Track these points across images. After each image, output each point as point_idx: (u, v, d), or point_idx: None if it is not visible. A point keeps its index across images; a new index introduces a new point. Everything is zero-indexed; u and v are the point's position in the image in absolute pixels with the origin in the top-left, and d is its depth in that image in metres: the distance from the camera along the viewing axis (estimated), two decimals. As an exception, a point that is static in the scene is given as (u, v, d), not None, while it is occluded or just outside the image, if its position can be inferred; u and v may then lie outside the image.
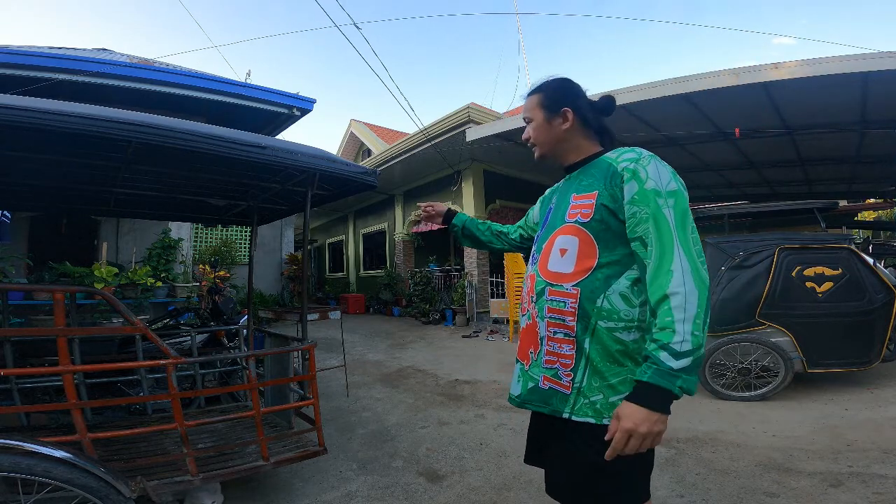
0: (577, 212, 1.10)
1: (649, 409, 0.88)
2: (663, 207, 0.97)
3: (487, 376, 4.72)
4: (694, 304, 0.90)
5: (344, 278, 14.94)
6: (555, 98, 1.18)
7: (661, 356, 0.89)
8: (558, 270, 1.09)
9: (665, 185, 1.00)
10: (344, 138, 17.04)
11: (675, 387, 0.88)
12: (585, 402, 1.02)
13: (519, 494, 2.25)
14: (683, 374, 0.88)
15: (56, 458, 1.44)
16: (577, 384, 1.04)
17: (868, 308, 3.54)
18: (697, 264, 0.94)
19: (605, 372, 1.02)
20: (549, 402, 1.09)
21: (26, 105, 1.49)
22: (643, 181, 1.00)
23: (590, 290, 1.04)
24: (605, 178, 1.07)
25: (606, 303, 1.02)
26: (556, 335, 1.08)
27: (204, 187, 2.76)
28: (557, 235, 1.13)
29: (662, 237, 0.96)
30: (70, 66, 5.36)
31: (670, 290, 0.91)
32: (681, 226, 0.97)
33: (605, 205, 1.05)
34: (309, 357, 2.25)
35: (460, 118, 7.81)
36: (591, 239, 1.06)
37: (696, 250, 0.96)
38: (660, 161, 1.05)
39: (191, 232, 7.35)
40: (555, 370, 1.08)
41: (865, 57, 4.54)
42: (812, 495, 2.12)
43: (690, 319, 0.89)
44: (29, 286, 3.53)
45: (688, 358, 0.88)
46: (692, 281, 0.92)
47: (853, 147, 7.17)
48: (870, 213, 14.17)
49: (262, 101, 6.62)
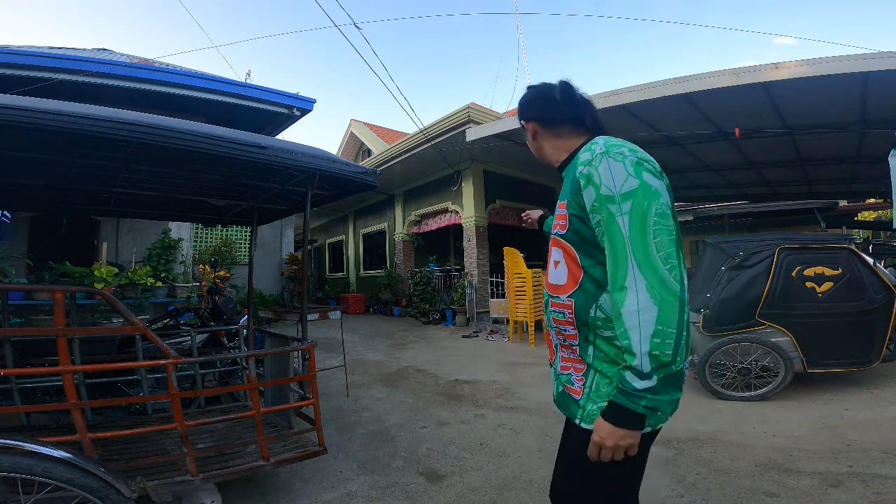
0: (556, 223, 1.08)
1: (614, 425, 0.90)
2: (616, 215, 0.91)
3: (487, 376, 4.72)
4: (650, 321, 0.85)
5: (344, 278, 14.94)
6: (522, 116, 1.24)
7: (626, 376, 0.88)
8: (555, 282, 1.09)
9: (619, 187, 0.91)
10: (344, 138, 17.04)
11: (638, 406, 0.87)
12: (594, 408, 1.01)
13: (519, 494, 2.25)
14: (648, 395, 0.86)
15: (56, 458, 1.44)
16: (588, 390, 1.04)
17: (868, 308, 3.54)
18: (660, 274, 0.87)
19: (613, 376, 0.99)
20: (568, 406, 1.10)
21: (26, 105, 1.50)
22: (598, 186, 0.94)
23: (581, 300, 1.02)
24: (571, 182, 1.03)
25: (599, 312, 0.99)
26: (565, 343, 1.09)
27: (204, 187, 2.76)
28: (551, 247, 1.13)
29: (615, 250, 0.91)
30: (70, 66, 5.37)
31: (623, 309, 0.88)
32: (638, 232, 0.89)
33: (575, 214, 1.01)
34: (309, 357, 2.25)
35: (460, 118, 7.81)
36: (572, 250, 1.03)
37: (659, 257, 0.88)
38: (614, 156, 0.95)
39: (191, 232, 7.35)
40: (569, 376, 1.09)
41: (865, 57, 4.53)
42: (812, 495, 2.12)
43: (647, 339, 0.85)
44: (29, 286, 3.52)
45: (651, 378, 0.86)
46: (648, 296, 0.86)
47: (853, 147, 7.17)
48: (870, 213, 14.18)
49: (261, 101, 6.63)
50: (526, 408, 3.63)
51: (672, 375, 0.87)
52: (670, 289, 0.87)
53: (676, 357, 0.86)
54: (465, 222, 9.37)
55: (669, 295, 0.86)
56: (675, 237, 0.91)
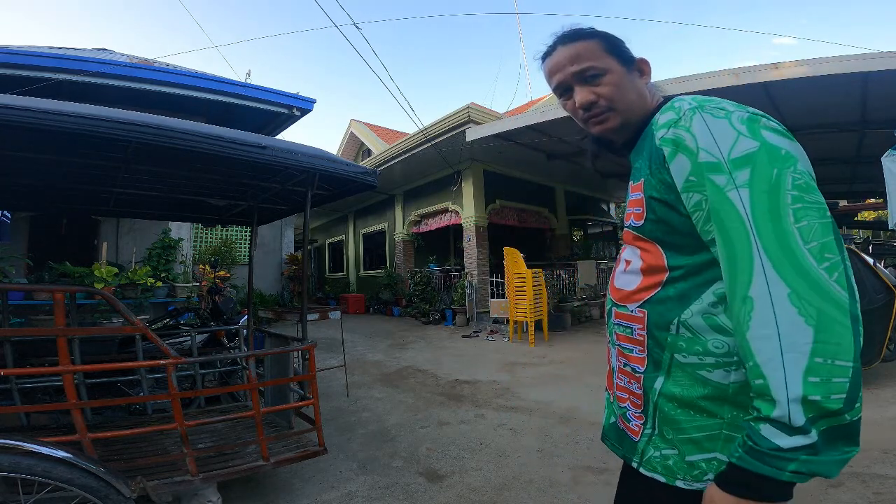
0: (630, 212, 0.81)
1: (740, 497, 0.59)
2: (727, 190, 0.62)
3: (487, 376, 4.72)
4: (803, 349, 0.55)
5: (344, 278, 14.94)
6: (620, 46, 0.82)
7: (761, 430, 0.58)
8: (622, 287, 0.83)
9: (728, 149, 0.63)
10: (344, 138, 17.04)
11: (783, 473, 0.56)
12: (656, 454, 0.76)
13: (519, 494, 2.25)
14: (802, 456, 0.55)
15: (56, 458, 1.44)
16: (648, 432, 0.77)
17: (868, 308, 3.54)
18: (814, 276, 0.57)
19: (683, 422, 0.73)
20: (621, 444, 0.85)
21: (26, 105, 1.50)
22: (693, 152, 0.66)
23: (658, 312, 0.75)
24: (649, 156, 0.75)
25: (684, 330, 0.71)
26: (626, 368, 0.82)
27: (204, 187, 2.76)
28: (624, 244, 0.86)
29: (731, 242, 0.62)
30: (70, 66, 5.37)
31: (750, 334, 0.59)
32: (766, 214, 0.60)
33: (657, 197, 0.73)
34: (309, 357, 2.25)
35: (460, 118, 7.81)
36: (653, 245, 0.76)
37: (808, 251, 0.58)
38: (712, 111, 0.68)
39: (191, 232, 7.35)
40: (625, 410, 0.83)
41: (865, 57, 4.53)
42: (812, 495, 2.12)
43: (799, 379, 0.55)
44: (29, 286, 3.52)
45: (808, 434, 0.55)
46: (794, 311, 0.56)
47: (853, 147, 7.17)
48: (870, 213, 14.17)
49: (262, 101, 6.63)
50: (526, 408, 3.63)
51: (843, 428, 0.56)
52: (834, 298, 0.56)
53: (854, 402, 0.55)
54: (465, 222, 9.37)
55: (833, 307, 0.56)
56: (830, 221, 0.60)
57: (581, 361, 5.24)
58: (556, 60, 0.84)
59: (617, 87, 0.80)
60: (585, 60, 0.80)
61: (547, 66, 0.86)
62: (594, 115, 0.83)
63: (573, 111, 0.86)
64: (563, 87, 0.85)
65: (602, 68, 0.80)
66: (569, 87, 0.84)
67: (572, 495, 2.21)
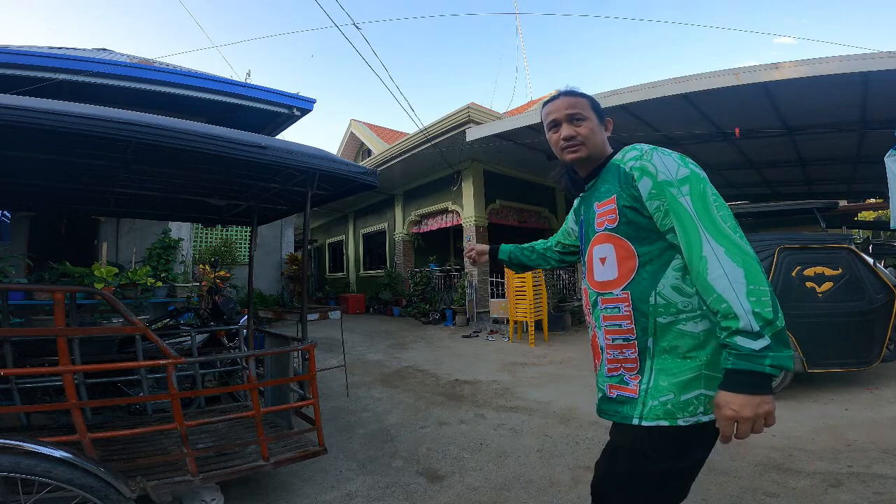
0: (603, 219, 1.12)
1: (747, 394, 0.85)
2: (678, 197, 0.98)
3: (487, 376, 4.72)
4: (741, 281, 0.88)
5: (344, 278, 14.94)
6: (599, 108, 1.22)
7: (738, 341, 0.86)
8: (604, 279, 1.11)
9: (674, 173, 1.00)
10: (344, 138, 17.03)
11: (765, 367, 0.84)
12: (655, 403, 1.00)
13: (519, 494, 2.25)
14: (770, 353, 0.84)
15: (56, 458, 1.44)
16: (645, 386, 1.03)
17: (868, 308, 3.54)
18: (733, 240, 0.92)
19: (674, 368, 1.00)
20: (619, 410, 1.08)
21: (26, 105, 1.50)
22: (654, 174, 1.01)
23: (639, 290, 1.04)
24: (619, 180, 1.09)
25: (660, 298, 1.02)
26: (616, 342, 1.09)
27: (204, 187, 2.76)
28: (594, 246, 1.15)
29: (685, 227, 0.96)
30: (70, 66, 5.37)
31: (709, 276, 0.91)
32: (702, 209, 0.96)
33: (627, 205, 1.06)
34: (309, 357, 2.25)
35: (460, 118, 7.81)
36: (625, 241, 1.07)
37: (727, 227, 0.94)
38: (662, 151, 1.05)
39: (191, 232, 7.35)
40: (619, 376, 1.08)
41: (865, 57, 4.53)
42: (812, 495, 2.12)
43: (745, 298, 0.87)
44: (29, 286, 3.53)
45: (764, 337, 0.85)
46: (729, 259, 0.90)
47: (853, 147, 7.17)
48: (870, 213, 14.17)
49: (262, 101, 6.63)
50: (526, 408, 3.63)
51: (780, 332, 0.86)
52: (748, 252, 0.91)
53: (777, 314, 0.87)
54: (465, 222, 9.37)
55: (749, 257, 0.91)
56: (731, 212, 0.98)
57: (581, 361, 5.24)
58: (557, 104, 1.20)
59: (591, 130, 1.17)
60: (576, 108, 1.18)
61: (549, 107, 1.22)
62: (571, 145, 1.18)
63: (556, 141, 1.21)
64: (555, 123, 1.20)
65: (585, 116, 1.18)
66: (559, 124, 1.19)
67: (572, 495, 2.21)
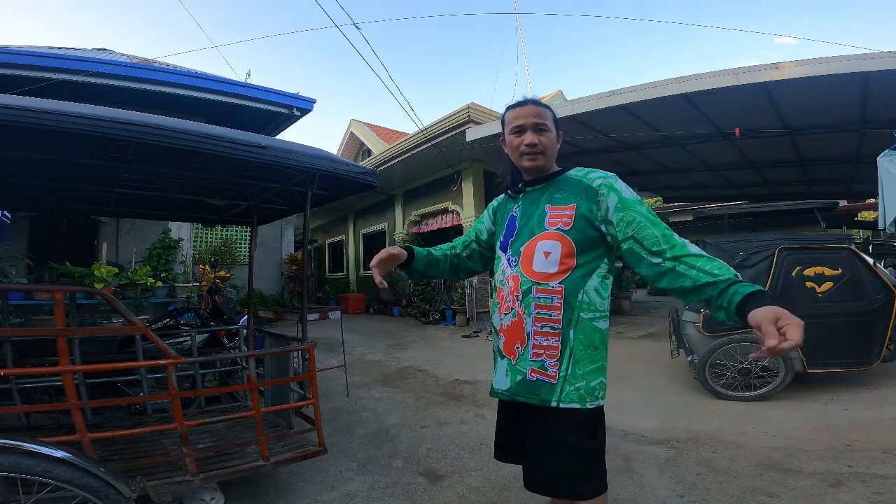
0: (557, 220, 1.24)
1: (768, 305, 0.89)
2: (647, 212, 1.17)
3: (487, 376, 4.71)
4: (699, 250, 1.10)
5: (344, 278, 14.93)
6: (558, 122, 1.35)
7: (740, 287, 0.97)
8: (544, 271, 1.22)
9: (634, 195, 1.21)
10: (344, 138, 17.04)
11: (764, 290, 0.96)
12: (571, 388, 1.16)
13: (519, 494, 2.25)
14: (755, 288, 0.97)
15: (56, 458, 1.44)
16: (564, 373, 1.17)
17: (868, 308, 3.54)
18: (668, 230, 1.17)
19: (585, 359, 1.18)
20: (537, 392, 1.20)
21: (26, 105, 1.50)
22: (621, 192, 1.19)
23: (572, 286, 1.19)
24: (581, 193, 1.24)
25: (585, 296, 1.19)
26: (544, 329, 1.20)
27: (204, 187, 2.76)
28: (539, 240, 1.25)
29: (659, 228, 1.14)
30: (70, 66, 5.37)
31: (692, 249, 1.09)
32: (651, 216, 1.17)
33: (584, 216, 1.21)
34: (309, 357, 2.25)
35: (460, 118, 7.81)
36: (572, 243, 1.20)
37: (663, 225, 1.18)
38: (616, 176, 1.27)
39: (191, 232, 7.35)
40: (541, 362, 1.20)
41: (865, 57, 4.53)
42: (812, 495, 2.12)
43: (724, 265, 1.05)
44: (29, 286, 3.53)
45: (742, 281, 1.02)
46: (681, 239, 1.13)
47: (853, 147, 7.16)
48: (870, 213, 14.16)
49: (261, 101, 6.63)
50: (526, 408, 3.63)
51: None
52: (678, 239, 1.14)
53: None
54: (465, 222, 9.37)
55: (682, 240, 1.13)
56: None
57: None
58: (526, 111, 1.29)
59: (551, 141, 1.30)
60: (542, 119, 1.28)
61: (516, 112, 1.30)
62: (532, 153, 1.28)
63: (518, 146, 1.30)
64: (520, 128, 1.29)
65: (549, 127, 1.29)
66: (524, 130, 1.28)
67: (572, 495, 2.21)
